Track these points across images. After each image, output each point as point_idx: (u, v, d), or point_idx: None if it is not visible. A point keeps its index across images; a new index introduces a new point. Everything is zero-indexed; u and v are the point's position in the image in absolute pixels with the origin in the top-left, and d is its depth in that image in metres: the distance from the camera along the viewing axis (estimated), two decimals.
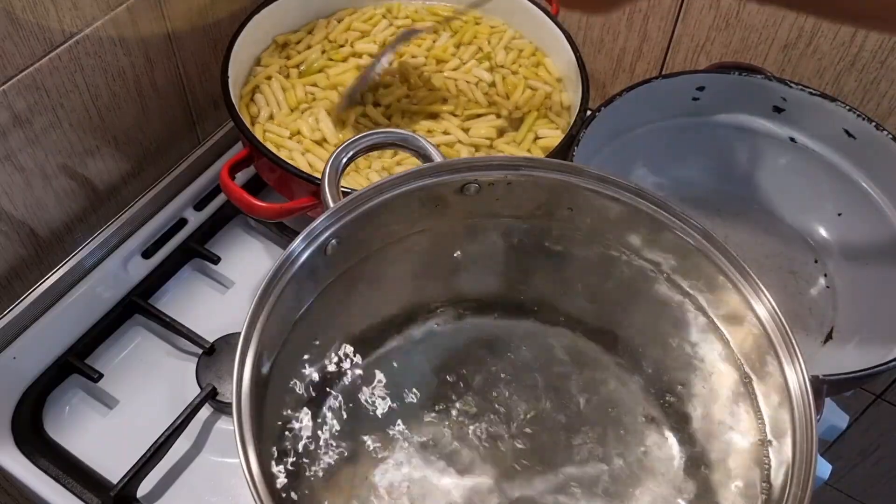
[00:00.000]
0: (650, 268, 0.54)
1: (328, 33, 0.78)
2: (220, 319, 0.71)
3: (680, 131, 0.77)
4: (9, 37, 0.58)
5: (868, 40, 0.72)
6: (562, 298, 0.56)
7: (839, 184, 0.74)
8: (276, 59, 0.76)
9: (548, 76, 0.77)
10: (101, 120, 0.69)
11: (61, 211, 0.70)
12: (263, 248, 0.78)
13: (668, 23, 0.80)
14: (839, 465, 1.11)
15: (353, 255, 0.52)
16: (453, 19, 0.80)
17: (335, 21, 0.79)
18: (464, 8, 0.81)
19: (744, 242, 0.75)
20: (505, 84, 0.76)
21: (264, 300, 0.45)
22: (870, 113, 0.73)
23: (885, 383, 0.98)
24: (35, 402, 0.67)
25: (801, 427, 0.45)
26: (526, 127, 0.73)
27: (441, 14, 0.80)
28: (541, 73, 0.77)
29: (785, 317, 0.47)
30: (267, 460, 0.45)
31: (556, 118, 0.74)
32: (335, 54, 0.76)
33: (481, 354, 0.54)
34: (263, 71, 0.74)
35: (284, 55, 0.76)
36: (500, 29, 0.80)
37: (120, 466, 0.62)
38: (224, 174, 0.65)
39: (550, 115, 0.74)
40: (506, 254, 0.56)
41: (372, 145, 0.53)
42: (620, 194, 0.52)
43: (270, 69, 0.74)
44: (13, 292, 0.68)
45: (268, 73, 0.74)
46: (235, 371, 0.43)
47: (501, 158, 0.52)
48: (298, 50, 0.76)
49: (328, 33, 0.78)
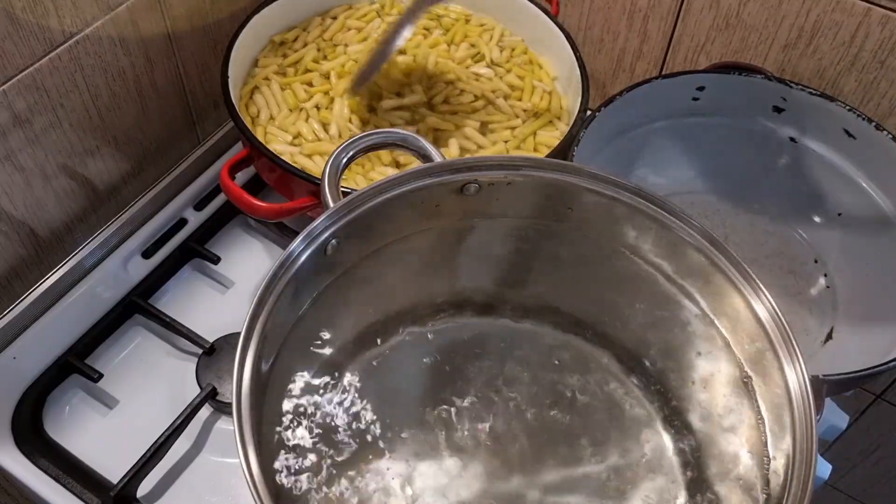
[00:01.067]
0: (650, 268, 0.54)
1: (322, 31, 0.78)
2: (220, 319, 0.71)
3: (680, 131, 0.77)
4: (9, 37, 0.58)
5: (868, 40, 0.72)
6: (561, 298, 0.56)
7: (839, 184, 0.74)
8: (273, 58, 0.76)
9: (546, 77, 0.77)
10: (101, 120, 0.69)
11: (61, 211, 0.70)
12: (263, 248, 0.78)
13: (668, 23, 0.80)
14: (839, 465, 1.10)
15: (353, 255, 0.52)
16: (444, 16, 0.80)
17: (330, 18, 0.79)
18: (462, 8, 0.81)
19: (744, 242, 0.75)
20: (516, 92, 0.76)
21: (264, 300, 0.45)
22: (870, 113, 0.73)
23: (885, 383, 0.98)
24: (35, 402, 0.67)
25: (801, 427, 0.45)
26: (530, 129, 0.73)
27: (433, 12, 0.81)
28: (542, 76, 0.77)
29: (785, 317, 0.47)
30: (267, 460, 0.45)
31: (557, 121, 0.74)
32: (330, 53, 0.76)
33: (481, 354, 0.54)
34: (262, 71, 0.74)
35: (281, 54, 0.76)
36: (490, 26, 0.81)
37: (120, 466, 0.62)
38: (224, 174, 0.65)
39: (550, 118, 0.74)
40: (505, 254, 0.56)
41: (372, 145, 0.53)
42: (620, 194, 0.52)
43: (268, 70, 0.74)
44: (13, 292, 0.68)
45: (265, 73, 0.74)
46: (235, 371, 0.43)
47: (501, 158, 0.52)
48: (294, 48, 0.76)
49: (322, 31, 0.78)
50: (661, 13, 0.80)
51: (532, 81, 0.76)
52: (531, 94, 0.75)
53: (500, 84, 0.76)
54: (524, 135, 0.72)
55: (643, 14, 0.81)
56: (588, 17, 0.84)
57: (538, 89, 0.76)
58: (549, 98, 0.75)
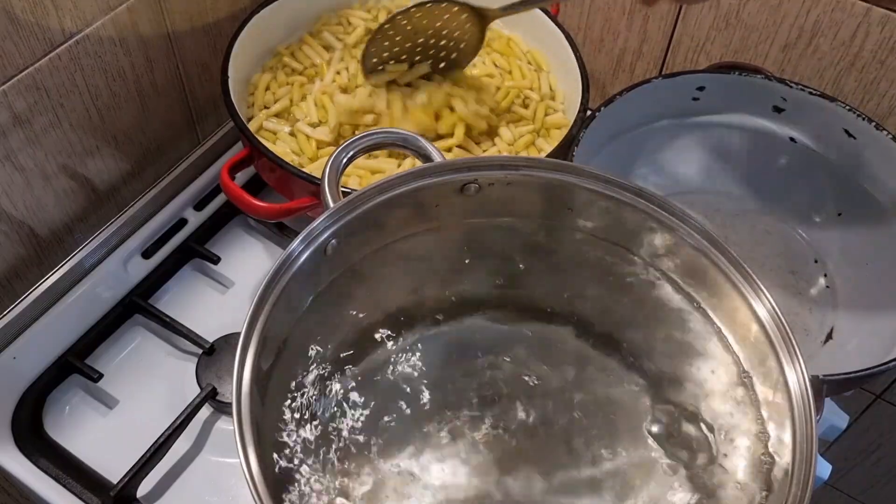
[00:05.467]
0: (650, 268, 0.54)
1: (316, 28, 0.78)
2: (220, 319, 0.71)
3: (680, 131, 0.77)
4: (9, 37, 0.58)
5: (868, 40, 0.72)
6: (561, 299, 0.56)
7: (839, 184, 0.74)
8: (273, 60, 0.76)
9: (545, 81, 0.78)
10: (101, 120, 0.69)
11: (61, 211, 0.70)
12: (263, 248, 0.78)
13: (668, 23, 0.80)
14: (839, 465, 1.11)
15: (353, 255, 0.52)
16: None
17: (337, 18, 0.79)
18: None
19: (744, 242, 0.75)
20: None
21: (264, 300, 0.45)
22: (870, 113, 0.73)
23: (885, 383, 0.98)
24: (35, 402, 0.67)
25: (801, 427, 0.45)
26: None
27: None
28: (542, 78, 0.78)
29: (785, 317, 0.47)
30: (267, 460, 0.45)
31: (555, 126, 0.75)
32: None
33: (481, 355, 0.54)
34: (260, 77, 0.74)
35: (280, 57, 0.76)
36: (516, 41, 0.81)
37: (120, 466, 0.62)
38: (224, 174, 0.65)
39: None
40: (506, 254, 0.56)
41: (372, 145, 0.53)
42: (620, 194, 0.51)
43: (266, 74, 0.74)
44: (13, 292, 0.68)
45: (265, 76, 0.74)
46: (235, 371, 0.43)
47: (501, 158, 0.52)
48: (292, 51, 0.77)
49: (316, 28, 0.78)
50: (661, 13, 0.80)
51: (516, 61, 0.77)
52: (519, 72, 0.76)
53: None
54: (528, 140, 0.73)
55: (643, 14, 0.81)
56: (588, 17, 0.84)
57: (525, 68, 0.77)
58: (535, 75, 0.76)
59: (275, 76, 0.74)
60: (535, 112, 0.74)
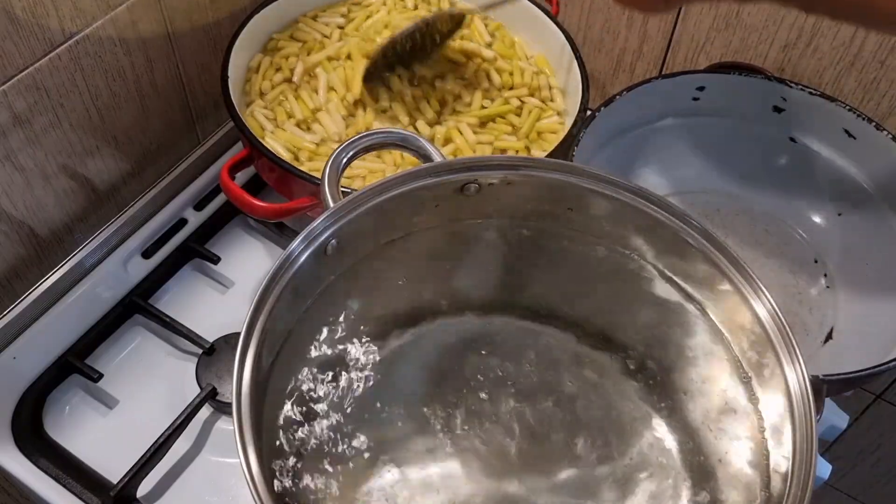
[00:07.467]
0: (650, 268, 0.54)
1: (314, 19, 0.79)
2: (220, 319, 0.71)
3: (680, 131, 0.77)
4: (9, 37, 0.58)
5: (868, 40, 0.72)
6: (561, 299, 0.56)
7: (839, 184, 0.74)
8: (269, 57, 0.76)
9: (529, 56, 0.78)
10: (101, 120, 0.69)
11: (61, 211, 0.70)
12: (263, 248, 0.78)
13: (668, 23, 0.80)
14: (839, 465, 1.11)
15: (353, 255, 0.51)
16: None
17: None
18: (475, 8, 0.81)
19: (744, 242, 0.75)
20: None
21: (264, 300, 0.45)
22: (870, 113, 0.73)
23: (885, 383, 0.98)
24: (35, 402, 0.67)
25: (801, 427, 0.45)
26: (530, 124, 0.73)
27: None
28: (525, 57, 0.78)
29: (785, 317, 0.47)
30: (267, 460, 0.45)
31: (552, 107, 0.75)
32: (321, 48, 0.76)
33: (481, 355, 0.54)
34: (258, 79, 0.74)
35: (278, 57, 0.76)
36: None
37: (120, 466, 0.62)
38: (224, 174, 0.65)
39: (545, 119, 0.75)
40: (506, 254, 0.56)
41: (372, 145, 0.53)
42: (620, 194, 0.51)
43: (264, 78, 0.74)
44: (13, 292, 0.68)
45: (263, 80, 0.74)
46: (235, 371, 0.43)
47: (501, 158, 0.52)
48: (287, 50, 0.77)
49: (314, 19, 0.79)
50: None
51: (518, 63, 0.77)
52: (521, 74, 0.76)
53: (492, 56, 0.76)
54: (527, 130, 0.72)
55: (643, 14, 0.81)
56: (588, 17, 0.84)
57: (527, 71, 0.76)
58: (537, 78, 0.76)
59: (272, 61, 0.74)
60: (524, 122, 0.73)
